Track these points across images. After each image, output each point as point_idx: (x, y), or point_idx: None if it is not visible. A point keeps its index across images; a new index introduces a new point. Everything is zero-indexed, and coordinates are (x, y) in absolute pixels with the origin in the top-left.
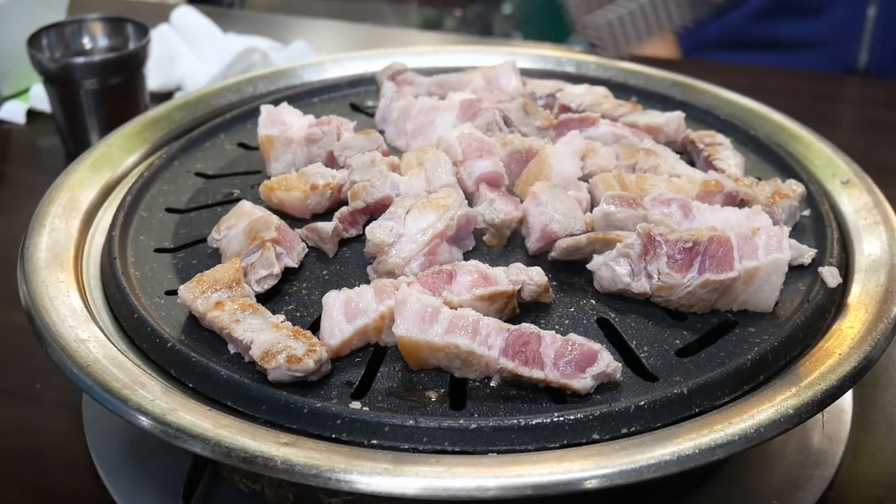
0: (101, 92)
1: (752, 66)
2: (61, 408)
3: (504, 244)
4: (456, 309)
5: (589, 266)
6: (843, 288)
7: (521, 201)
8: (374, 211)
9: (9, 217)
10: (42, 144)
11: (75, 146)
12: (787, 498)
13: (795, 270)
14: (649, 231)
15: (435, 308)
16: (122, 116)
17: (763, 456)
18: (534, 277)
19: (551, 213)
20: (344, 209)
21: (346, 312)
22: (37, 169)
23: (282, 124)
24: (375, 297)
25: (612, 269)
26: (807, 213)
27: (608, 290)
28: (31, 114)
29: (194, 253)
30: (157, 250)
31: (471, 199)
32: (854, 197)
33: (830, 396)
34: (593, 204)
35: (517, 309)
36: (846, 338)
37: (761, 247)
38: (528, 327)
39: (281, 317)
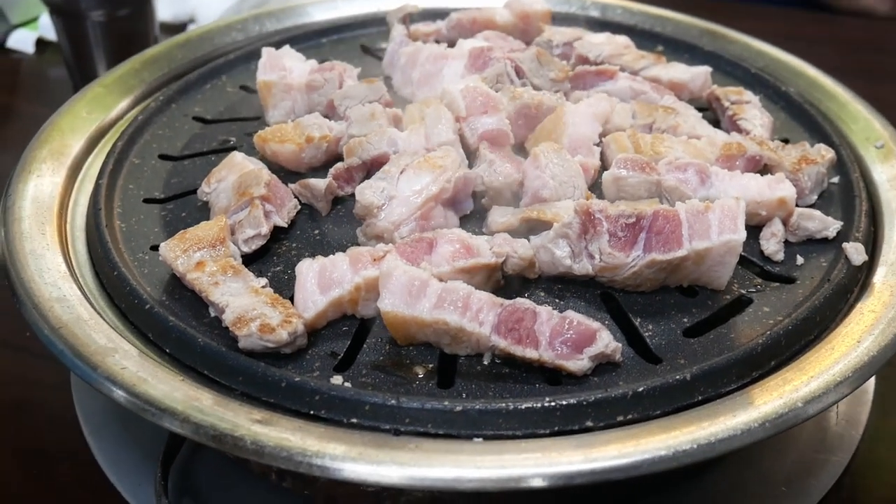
0: (108, 24)
1: (790, 10)
2: (50, 359)
3: None
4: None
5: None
6: (870, 265)
7: None
8: (371, 168)
9: (14, 154)
10: (52, 75)
11: (83, 80)
12: (797, 485)
13: (818, 244)
14: (587, 208)
15: (423, 281)
16: (130, 49)
17: (776, 439)
18: (518, 250)
19: (546, 179)
20: (339, 165)
21: (319, 283)
22: (45, 102)
23: (282, 69)
24: (351, 267)
25: (550, 251)
26: (836, 180)
27: (549, 273)
28: (41, 43)
29: (185, 205)
30: (147, 200)
31: (473, 157)
32: (889, 164)
33: (847, 388)
34: (605, 167)
35: (501, 281)
36: (867, 322)
37: (714, 225)
38: (522, 302)
39: (263, 280)
